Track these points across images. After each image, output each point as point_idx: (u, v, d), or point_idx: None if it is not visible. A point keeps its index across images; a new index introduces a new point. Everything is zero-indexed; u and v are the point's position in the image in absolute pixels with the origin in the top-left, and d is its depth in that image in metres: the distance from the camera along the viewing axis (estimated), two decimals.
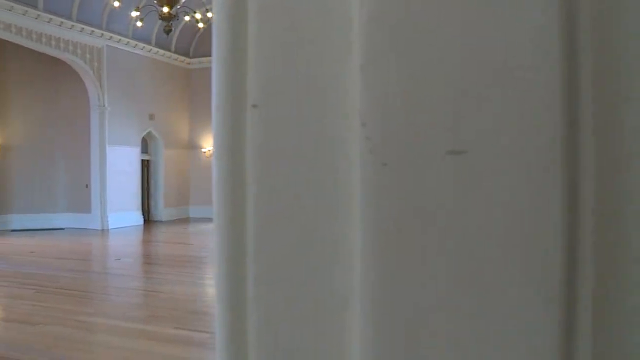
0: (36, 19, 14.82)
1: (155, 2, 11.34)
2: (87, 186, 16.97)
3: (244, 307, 0.47)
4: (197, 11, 12.20)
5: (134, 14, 11.83)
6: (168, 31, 11.12)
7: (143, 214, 18.52)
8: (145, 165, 19.14)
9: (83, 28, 16.10)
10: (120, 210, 17.25)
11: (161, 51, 19.10)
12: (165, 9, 10.85)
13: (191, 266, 11.06)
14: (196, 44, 20.31)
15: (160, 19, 11.08)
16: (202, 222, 18.90)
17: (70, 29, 15.77)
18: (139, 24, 12.16)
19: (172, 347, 5.71)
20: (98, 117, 16.80)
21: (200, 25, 12.63)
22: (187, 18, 12.43)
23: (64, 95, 17.39)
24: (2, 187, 16.87)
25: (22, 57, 16.79)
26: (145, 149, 19.09)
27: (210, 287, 9.42)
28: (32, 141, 17.21)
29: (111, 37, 17.02)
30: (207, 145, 20.28)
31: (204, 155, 20.34)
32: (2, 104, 16.99)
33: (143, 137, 18.67)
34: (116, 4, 11.61)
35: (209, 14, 13.15)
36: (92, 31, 16.39)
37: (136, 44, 17.97)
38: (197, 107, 20.51)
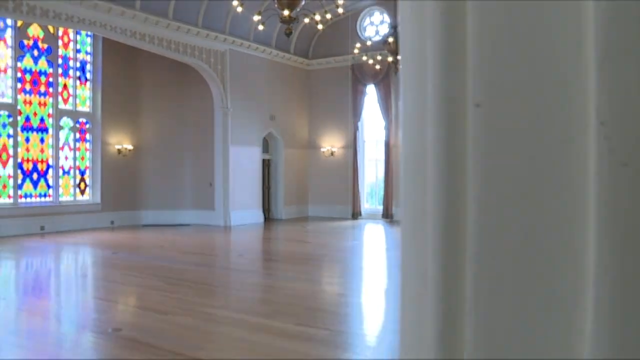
0: (166, 27, 15.74)
1: (275, 5, 11.58)
2: (211, 184, 17.76)
3: (461, 305, 0.45)
4: (316, 13, 12.35)
5: (256, 18, 12.17)
6: (289, 34, 11.34)
7: (263, 212, 19.08)
8: (266, 165, 19.71)
9: (208, 34, 16.87)
10: (242, 207, 17.90)
11: (281, 53, 19.59)
12: (286, 12, 11.05)
13: (310, 264, 11.24)
14: (315, 45, 20.64)
15: (280, 22, 11.32)
16: (320, 220, 19.18)
17: (196, 35, 16.59)
18: (260, 27, 12.50)
19: (294, 343, 5.80)
20: (221, 118, 17.55)
21: (320, 27, 12.78)
22: (306, 20, 12.62)
23: (191, 98, 18.31)
24: (136, 185, 18.05)
25: (154, 64, 17.88)
26: (266, 148, 19.67)
27: (329, 285, 9.52)
28: (162, 142, 18.26)
29: (234, 41, 17.70)
30: (326, 145, 20.55)
31: (323, 154, 20.63)
32: (136, 108, 18.19)
33: (264, 137, 19.24)
34: (239, 9, 11.99)
35: (328, 16, 13.28)
36: (216, 36, 17.14)
37: (257, 47, 18.55)
38: (315, 107, 20.85)
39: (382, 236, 16.51)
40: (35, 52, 15.89)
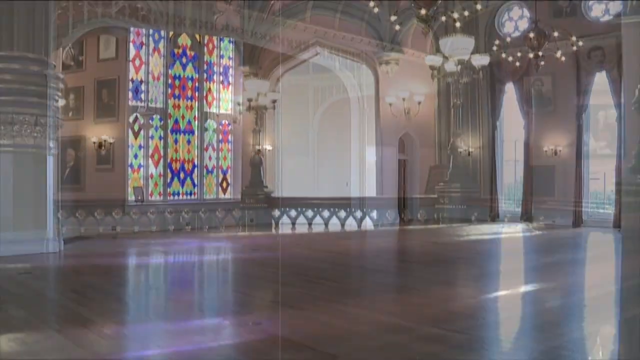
0: (303, 30, 16.14)
1: (412, 5, 11.45)
2: (347, 184, 17.94)
3: None
4: (454, 10, 12.05)
5: (392, 18, 12.13)
6: (426, 33, 11.17)
7: (399, 212, 18.94)
8: (402, 165, 19.55)
9: (344, 36, 17.07)
10: (377, 207, 17.90)
11: (417, 52, 19.35)
12: (423, 11, 10.89)
13: (445, 266, 11.00)
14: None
15: (417, 21, 11.18)
16: (457, 222, 18.73)
17: (333, 37, 16.84)
18: (397, 27, 12.43)
19: (430, 345, 5.67)
20: (357, 119, 17.68)
21: (457, 24, 12.46)
22: (443, 18, 12.36)
23: (327, 99, 18.62)
24: (274, 185, 18.65)
25: (289, 66, 18.38)
26: (401, 148, 19.51)
27: (466, 287, 9.23)
28: (299, 142, 18.73)
29: (370, 42, 17.75)
30: (463, 144, 20.00)
31: (460, 154, 20.09)
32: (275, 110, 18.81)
33: (400, 137, 19.11)
34: (376, 10, 12.00)
35: (466, 13, 12.92)
36: (352, 38, 17.28)
37: (393, 47, 18.47)
38: (452, 106, 20.33)
39: (520, 239, 15.81)
40: (184, 60, 16.96)
